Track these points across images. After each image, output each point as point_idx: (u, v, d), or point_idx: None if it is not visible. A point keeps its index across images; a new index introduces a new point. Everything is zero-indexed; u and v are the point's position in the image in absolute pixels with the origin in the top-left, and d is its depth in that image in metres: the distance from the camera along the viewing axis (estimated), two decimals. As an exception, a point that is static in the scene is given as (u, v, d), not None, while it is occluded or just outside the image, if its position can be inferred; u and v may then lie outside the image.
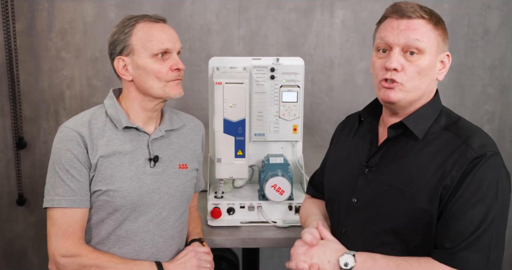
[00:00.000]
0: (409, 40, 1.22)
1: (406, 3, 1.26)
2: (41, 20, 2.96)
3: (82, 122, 1.43)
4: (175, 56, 1.44)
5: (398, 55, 1.23)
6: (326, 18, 3.06)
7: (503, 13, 3.07)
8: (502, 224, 1.21)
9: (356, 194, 1.34)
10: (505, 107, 3.20)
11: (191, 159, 1.57)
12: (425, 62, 1.23)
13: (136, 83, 1.44)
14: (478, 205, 1.17)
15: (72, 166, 1.39)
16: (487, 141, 1.24)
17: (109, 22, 2.99)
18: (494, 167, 1.20)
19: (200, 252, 1.49)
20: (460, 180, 1.19)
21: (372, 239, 1.30)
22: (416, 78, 1.24)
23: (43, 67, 3.02)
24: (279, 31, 3.06)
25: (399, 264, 1.22)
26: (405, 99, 1.26)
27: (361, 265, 1.26)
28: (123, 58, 1.43)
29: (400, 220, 1.26)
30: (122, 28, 1.43)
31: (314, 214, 1.52)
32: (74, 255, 1.37)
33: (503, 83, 3.16)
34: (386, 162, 1.31)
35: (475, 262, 1.16)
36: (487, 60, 3.12)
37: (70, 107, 3.06)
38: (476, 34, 3.09)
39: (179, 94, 1.47)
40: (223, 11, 3.03)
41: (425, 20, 1.24)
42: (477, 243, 1.17)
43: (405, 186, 1.25)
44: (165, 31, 1.43)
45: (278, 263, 3.33)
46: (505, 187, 1.21)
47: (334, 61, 3.11)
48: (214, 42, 3.06)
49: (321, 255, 1.31)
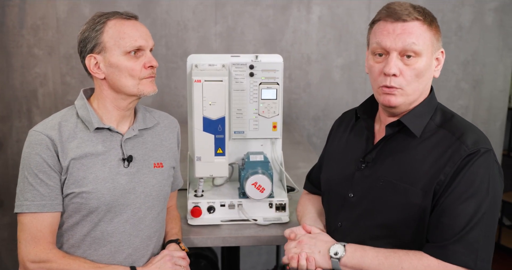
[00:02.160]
0: (406, 44, 1.22)
1: (400, 4, 1.26)
2: (12, 16, 2.89)
3: (51, 125, 1.40)
4: (148, 54, 1.42)
5: (396, 59, 1.24)
6: (303, 14, 3.06)
7: (475, 9, 3.12)
8: (492, 219, 1.23)
9: (353, 189, 1.37)
10: (478, 101, 3.26)
11: (167, 157, 1.55)
12: (422, 64, 1.25)
13: (109, 81, 1.41)
14: (470, 200, 1.20)
15: (41, 171, 1.36)
16: (481, 138, 1.26)
17: (83, 18, 2.93)
18: (487, 163, 1.22)
19: (175, 256, 1.48)
20: (454, 175, 1.22)
21: (365, 232, 1.33)
22: (414, 81, 1.25)
23: (14, 64, 2.95)
24: (256, 27, 3.05)
25: (388, 255, 1.25)
26: (405, 103, 1.28)
27: (351, 255, 1.28)
28: (95, 56, 1.40)
29: (393, 215, 1.28)
30: (93, 26, 1.40)
31: (308, 213, 1.55)
32: (43, 260, 1.34)
33: (476, 78, 3.23)
34: (383, 158, 1.33)
35: (464, 256, 1.19)
36: (461, 55, 3.18)
37: (43, 105, 2.99)
38: (450, 30, 3.14)
39: (153, 91, 1.45)
40: (200, 7, 3.00)
41: (420, 22, 1.24)
42: (467, 237, 1.19)
43: (400, 181, 1.27)
44: (137, 28, 1.41)
45: (257, 260, 3.34)
46: (496, 183, 1.23)
47: (311, 57, 3.12)
48: (191, 38, 3.03)
49: (311, 246, 1.34)
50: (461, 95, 3.24)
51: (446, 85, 3.22)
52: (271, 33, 3.07)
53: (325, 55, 3.12)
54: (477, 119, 3.29)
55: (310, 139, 3.21)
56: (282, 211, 1.76)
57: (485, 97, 3.26)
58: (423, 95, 1.32)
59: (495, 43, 3.18)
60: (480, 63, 3.20)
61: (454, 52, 3.17)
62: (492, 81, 3.24)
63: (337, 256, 1.29)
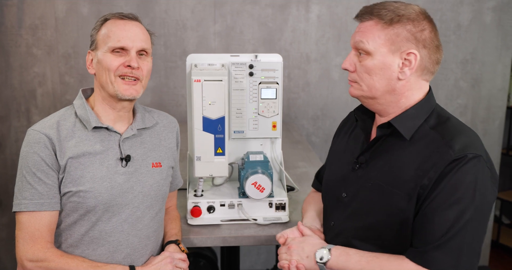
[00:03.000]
0: (355, 42, 1.29)
1: (375, 3, 1.29)
2: (11, 15, 2.88)
3: (50, 124, 1.41)
4: (132, 54, 1.41)
5: (353, 56, 1.31)
6: (302, 13, 3.06)
7: (474, 8, 3.12)
8: (479, 227, 1.19)
9: (346, 189, 1.38)
10: (476, 100, 3.27)
11: (166, 157, 1.55)
12: (372, 62, 1.26)
13: (97, 78, 1.45)
14: (453, 207, 1.17)
15: (39, 169, 1.36)
16: (472, 143, 1.21)
17: (81, 18, 2.93)
18: (475, 169, 1.18)
19: (176, 258, 1.48)
20: (437, 181, 1.19)
21: (353, 233, 1.34)
22: (366, 77, 1.28)
23: (13, 64, 2.94)
24: (255, 26, 3.05)
25: (370, 260, 1.25)
26: (363, 96, 1.31)
27: (336, 259, 1.30)
28: (91, 52, 1.46)
29: (378, 217, 1.28)
30: (95, 25, 1.46)
31: (309, 211, 1.59)
32: (41, 259, 1.34)
33: (475, 77, 3.23)
34: (375, 159, 1.33)
35: (444, 263, 1.17)
36: (459, 54, 3.18)
37: (42, 105, 2.99)
38: (449, 29, 3.14)
39: (130, 94, 1.42)
40: (199, 7, 3.00)
41: (374, 22, 1.26)
42: (448, 244, 1.17)
43: (386, 184, 1.27)
44: (126, 28, 1.42)
45: (256, 260, 3.34)
46: (485, 190, 1.19)
47: (310, 56, 3.12)
48: (190, 37, 3.03)
49: (300, 251, 1.37)
50: (460, 94, 3.25)
51: (445, 84, 3.22)
52: (270, 32, 3.07)
53: (324, 54, 3.12)
54: (476, 118, 3.29)
55: (309, 138, 3.21)
56: (282, 211, 1.76)
57: (484, 96, 3.26)
58: (407, 96, 1.28)
59: (494, 42, 3.18)
60: (479, 62, 3.21)
61: (453, 51, 3.17)
62: (491, 80, 3.24)
63: (322, 261, 1.32)
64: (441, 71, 3.19)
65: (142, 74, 1.44)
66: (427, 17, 1.27)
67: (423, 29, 1.25)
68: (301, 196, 1.95)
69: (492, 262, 3.51)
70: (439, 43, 1.29)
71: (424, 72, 1.27)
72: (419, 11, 1.27)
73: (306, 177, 2.18)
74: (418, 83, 1.29)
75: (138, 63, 1.42)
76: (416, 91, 1.29)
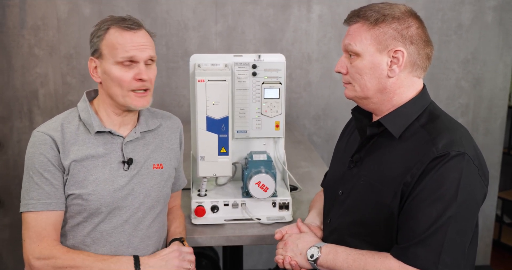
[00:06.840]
0: (345, 45, 1.32)
1: (365, 6, 1.31)
2: (13, 16, 2.88)
3: (54, 126, 1.42)
4: (142, 66, 1.40)
5: (344, 58, 1.34)
6: (303, 13, 3.06)
7: (475, 8, 3.13)
8: (464, 224, 1.20)
9: (342, 187, 1.41)
10: (478, 100, 3.27)
11: (168, 158, 1.55)
12: (362, 63, 1.28)
13: (104, 87, 1.44)
14: (435, 204, 1.18)
15: (46, 170, 1.38)
16: (458, 141, 1.21)
17: (83, 18, 2.93)
18: (457, 167, 1.18)
19: (184, 252, 1.48)
20: (420, 178, 1.20)
21: (346, 229, 1.37)
22: (358, 78, 1.30)
23: (15, 65, 2.95)
24: (256, 26, 3.05)
25: (356, 258, 1.28)
26: (357, 97, 1.34)
27: (325, 257, 1.34)
28: (95, 60, 1.44)
29: (367, 214, 1.31)
30: (97, 31, 1.43)
31: (313, 209, 1.63)
32: (48, 257, 1.35)
33: (476, 76, 3.23)
34: (367, 157, 1.35)
35: (425, 258, 1.18)
36: (461, 54, 3.19)
37: (44, 105, 2.99)
38: (450, 28, 3.14)
39: (142, 106, 1.44)
40: (200, 7, 3.00)
41: (360, 23, 1.29)
42: (429, 240, 1.17)
43: (375, 181, 1.29)
44: (134, 39, 1.40)
45: (258, 259, 3.34)
46: (470, 188, 1.19)
47: (311, 56, 3.12)
48: (191, 38, 3.03)
49: (294, 248, 1.42)
50: (461, 94, 3.25)
51: (446, 83, 3.22)
52: (272, 32, 3.07)
53: (325, 54, 3.12)
54: (477, 118, 3.30)
55: (311, 138, 3.21)
56: (285, 210, 1.76)
57: (485, 96, 3.27)
58: (398, 94, 1.29)
59: (495, 41, 3.19)
60: (480, 62, 3.21)
61: (454, 50, 3.17)
62: (492, 80, 3.25)
63: (313, 259, 1.36)
64: (442, 71, 3.20)
65: (151, 83, 1.45)
66: (413, 15, 1.29)
67: (409, 26, 1.26)
68: (304, 196, 1.96)
69: (494, 261, 3.52)
70: (428, 38, 1.30)
71: (414, 68, 1.29)
72: (405, 9, 1.28)
73: (308, 177, 2.19)
74: (409, 80, 1.30)
75: (147, 74, 1.41)
76: (408, 88, 1.30)
